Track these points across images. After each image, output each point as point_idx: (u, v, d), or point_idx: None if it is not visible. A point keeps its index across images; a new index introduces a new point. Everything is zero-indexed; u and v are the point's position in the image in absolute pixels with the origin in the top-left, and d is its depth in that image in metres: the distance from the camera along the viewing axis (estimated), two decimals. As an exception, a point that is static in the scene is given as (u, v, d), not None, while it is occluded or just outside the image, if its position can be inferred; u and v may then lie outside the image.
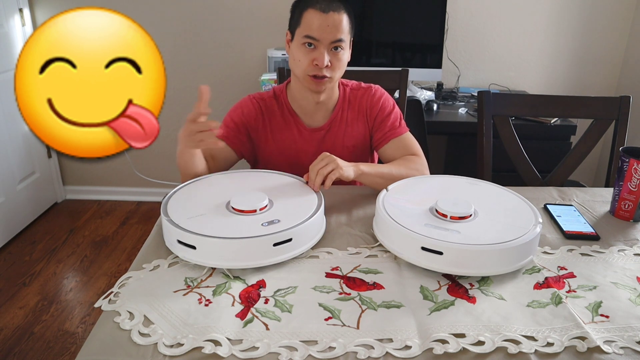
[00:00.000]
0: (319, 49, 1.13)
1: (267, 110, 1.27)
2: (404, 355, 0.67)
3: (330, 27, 1.11)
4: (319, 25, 1.11)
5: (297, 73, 1.18)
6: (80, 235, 2.42)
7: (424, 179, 1.13)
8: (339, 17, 1.12)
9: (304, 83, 1.18)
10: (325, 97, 1.24)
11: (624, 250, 0.96)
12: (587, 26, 2.43)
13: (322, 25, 1.11)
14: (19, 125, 2.40)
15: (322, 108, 1.27)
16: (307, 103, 1.25)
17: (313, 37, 1.12)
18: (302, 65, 1.15)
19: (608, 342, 0.70)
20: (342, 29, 1.13)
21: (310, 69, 1.14)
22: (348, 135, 1.28)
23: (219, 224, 0.88)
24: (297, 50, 1.15)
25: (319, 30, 1.11)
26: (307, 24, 1.12)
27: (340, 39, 1.13)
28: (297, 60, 1.16)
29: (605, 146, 2.50)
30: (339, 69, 1.17)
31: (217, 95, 2.57)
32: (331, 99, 1.27)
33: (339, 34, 1.12)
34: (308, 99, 1.24)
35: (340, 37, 1.13)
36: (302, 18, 1.13)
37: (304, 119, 1.27)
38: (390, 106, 1.29)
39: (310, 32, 1.11)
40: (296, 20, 1.15)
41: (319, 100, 1.23)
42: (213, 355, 0.66)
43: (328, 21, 1.11)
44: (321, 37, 1.11)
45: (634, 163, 1.05)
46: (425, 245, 0.84)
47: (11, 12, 2.32)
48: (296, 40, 1.15)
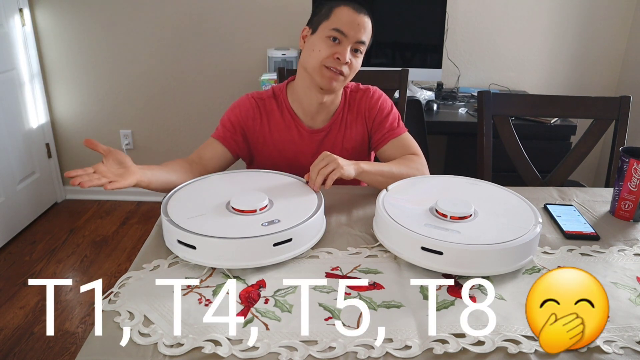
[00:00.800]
0: (344, 44, 1.14)
1: (266, 111, 1.26)
2: (404, 355, 0.67)
3: (360, 26, 1.14)
4: (350, 22, 1.13)
5: (311, 64, 1.16)
6: (80, 235, 2.42)
7: (424, 179, 1.13)
8: (368, 20, 1.16)
9: (316, 75, 1.16)
10: (329, 100, 1.24)
11: (624, 250, 0.96)
12: (587, 26, 2.43)
13: (352, 23, 1.13)
14: (19, 125, 2.41)
15: (324, 110, 1.26)
16: (310, 104, 1.24)
17: (342, 31, 1.13)
18: (320, 55, 1.14)
19: (608, 342, 0.70)
20: (368, 32, 1.16)
21: (329, 60, 1.14)
22: (347, 137, 1.28)
23: (219, 224, 0.88)
24: (319, 42, 1.15)
25: (348, 26, 1.13)
26: (338, 18, 1.13)
27: (363, 40, 1.15)
28: (316, 50, 1.15)
29: (605, 146, 2.50)
30: (353, 72, 1.19)
31: (217, 95, 2.58)
32: (334, 103, 1.27)
33: (364, 35, 1.15)
34: (311, 99, 1.23)
35: (364, 39, 1.15)
36: (332, 12, 1.14)
37: (304, 120, 1.27)
38: (389, 107, 1.29)
39: (340, 26, 1.13)
40: (324, 14, 1.16)
41: (323, 100, 1.22)
42: (213, 355, 0.66)
43: (359, 20, 1.14)
44: (349, 33, 1.13)
45: (634, 163, 1.05)
46: (425, 245, 0.84)
47: (11, 12, 2.32)
48: (320, 32, 1.15)
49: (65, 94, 2.62)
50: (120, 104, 2.62)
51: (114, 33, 2.48)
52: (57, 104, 2.64)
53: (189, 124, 2.64)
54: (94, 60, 2.54)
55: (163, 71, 2.55)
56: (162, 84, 2.58)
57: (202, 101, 2.60)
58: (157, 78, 2.57)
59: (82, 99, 2.62)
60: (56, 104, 2.64)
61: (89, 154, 2.72)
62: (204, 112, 2.62)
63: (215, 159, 1.22)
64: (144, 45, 2.50)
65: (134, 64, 2.54)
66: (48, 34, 2.50)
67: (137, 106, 2.63)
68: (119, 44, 2.50)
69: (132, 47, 2.51)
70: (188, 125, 2.64)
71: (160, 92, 2.59)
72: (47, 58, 2.55)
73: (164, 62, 2.53)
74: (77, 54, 2.53)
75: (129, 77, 2.57)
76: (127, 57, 2.53)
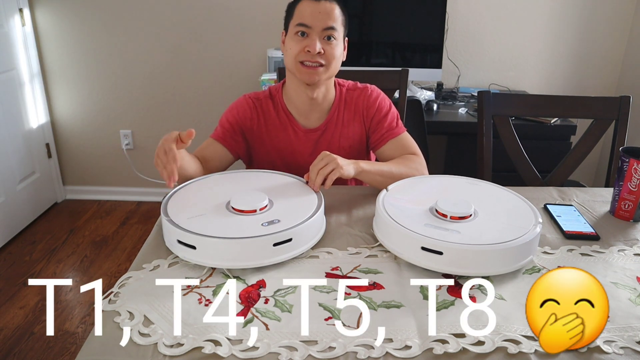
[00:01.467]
0: (311, 36, 1.14)
1: (263, 111, 1.27)
2: (404, 355, 0.67)
3: (322, 14, 1.13)
4: (311, 12, 1.13)
5: (289, 64, 1.19)
6: (80, 235, 2.42)
7: (424, 179, 1.13)
8: (331, 5, 1.15)
9: (296, 73, 1.17)
10: (319, 95, 1.23)
11: (624, 250, 0.96)
12: (587, 26, 2.43)
13: (314, 12, 1.13)
14: (19, 125, 2.41)
15: (317, 108, 1.26)
16: (302, 102, 1.24)
17: (305, 24, 1.13)
18: (293, 52, 1.15)
19: (608, 342, 0.70)
20: (334, 17, 1.15)
21: (301, 55, 1.15)
22: (344, 136, 1.28)
23: (219, 224, 0.88)
24: (289, 41, 1.17)
25: (311, 16, 1.13)
26: (300, 13, 1.14)
27: (332, 26, 1.14)
28: (289, 49, 1.17)
29: (605, 146, 2.50)
30: (333, 59, 1.17)
31: (217, 95, 2.58)
32: (327, 99, 1.26)
33: (330, 21, 1.14)
34: (302, 97, 1.23)
35: (332, 24, 1.14)
36: (295, 10, 1.16)
37: (299, 120, 1.27)
38: (387, 106, 1.29)
39: (303, 20, 1.13)
40: (290, 14, 1.17)
41: (313, 96, 1.22)
42: (213, 355, 0.66)
43: (320, 8, 1.13)
44: (313, 23, 1.13)
45: (634, 163, 1.05)
46: (425, 245, 0.84)
47: (11, 12, 2.32)
48: (289, 31, 1.17)
49: (65, 94, 2.62)
50: (120, 104, 2.62)
51: (114, 33, 2.48)
52: (57, 104, 2.64)
53: (189, 124, 2.64)
54: (94, 60, 2.54)
55: (163, 71, 2.55)
56: (162, 84, 2.58)
57: (202, 101, 2.60)
58: (157, 78, 2.57)
59: (82, 99, 2.62)
60: (56, 104, 2.64)
61: (88, 154, 2.73)
62: (204, 111, 2.62)
63: (216, 159, 1.22)
64: (144, 45, 2.50)
65: (134, 63, 2.54)
66: (48, 34, 2.50)
67: (137, 106, 2.63)
68: (119, 44, 2.50)
69: (132, 46, 2.51)
70: (188, 125, 2.64)
71: (161, 92, 2.59)
72: (47, 58, 2.55)
73: (164, 62, 2.53)
74: (77, 54, 2.53)
75: (129, 77, 2.57)
76: (127, 57, 2.53)
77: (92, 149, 2.72)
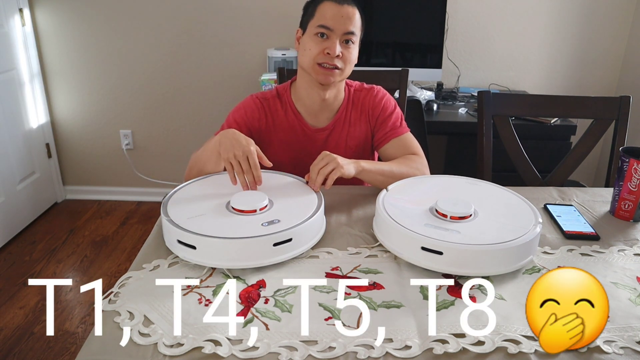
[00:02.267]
0: (332, 38, 1.14)
1: (270, 111, 1.27)
2: (404, 355, 0.67)
3: (344, 18, 1.14)
4: (334, 15, 1.13)
5: (305, 63, 1.18)
6: (80, 235, 2.42)
7: (424, 179, 1.13)
8: (353, 10, 1.16)
9: (312, 73, 1.17)
10: (331, 96, 1.24)
11: (624, 250, 0.96)
12: (587, 26, 2.43)
13: (336, 16, 1.13)
14: (19, 125, 2.41)
15: (327, 108, 1.26)
16: (312, 102, 1.24)
17: (327, 26, 1.13)
18: (312, 53, 1.15)
19: (608, 342, 0.70)
20: (355, 22, 1.16)
21: (320, 57, 1.15)
22: (351, 135, 1.28)
23: (219, 224, 0.88)
24: (308, 40, 1.16)
25: (333, 19, 1.13)
26: (322, 14, 1.14)
27: (352, 31, 1.15)
28: (307, 49, 1.16)
29: (605, 146, 2.50)
30: (349, 63, 1.18)
31: (217, 95, 2.58)
32: (337, 100, 1.27)
33: (351, 26, 1.15)
34: (313, 97, 1.23)
35: (353, 29, 1.15)
36: (316, 10, 1.16)
37: (307, 119, 1.27)
38: (392, 106, 1.29)
39: (325, 22, 1.14)
40: (310, 13, 1.17)
41: (325, 97, 1.22)
42: (213, 355, 0.66)
43: (342, 12, 1.14)
44: (335, 26, 1.13)
45: (634, 163, 1.05)
46: (425, 245, 0.84)
47: (11, 12, 2.32)
48: (309, 31, 1.17)
49: (65, 94, 2.62)
50: (120, 104, 2.62)
51: (114, 33, 2.48)
52: (57, 104, 2.64)
53: (189, 124, 2.64)
54: (94, 60, 2.54)
55: (163, 71, 2.55)
56: (162, 84, 2.58)
57: (202, 101, 2.60)
58: (157, 78, 2.57)
59: (82, 99, 2.62)
60: (56, 104, 2.64)
61: (88, 154, 2.73)
62: (204, 111, 2.62)
63: None
64: (144, 45, 2.50)
65: (134, 63, 2.54)
66: (48, 34, 2.50)
67: (137, 106, 2.62)
68: (119, 44, 2.50)
69: (132, 47, 2.51)
70: (188, 125, 2.64)
71: (160, 92, 2.59)
72: (47, 58, 2.55)
73: (164, 62, 2.53)
74: (77, 54, 2.53)
75: (129, 77, 2.57)
76: (127, 57, 2.53)
77: (92, 149, 2.72)
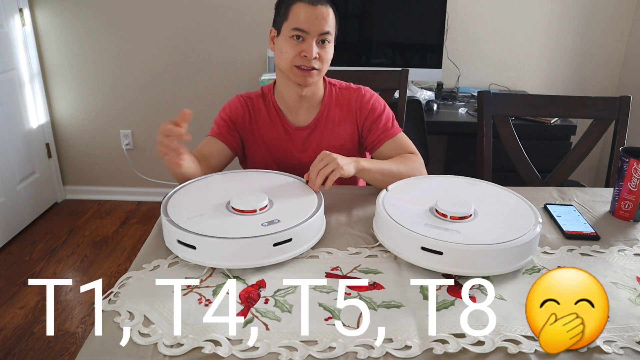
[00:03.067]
0: (307, 40, 1.14)
1: (254, 109, 1.28)
2: (404, 355, 0.67)
3: (319, 19, 1.13)
4: (308, 18, 1.13)
5: (282, 66, 1.19)
6: (80, 235, 2.42)
7: (424, 179, 1.13)
8: (327, 10, 1.15)
9: (291, 75, 1.18)
10: (308, 92, 1.24)
11: (624, 250, 0.96)
12: (587, 26, 2.43)
13: (310, 18, 1.13)
14: (19, 125, 2.41)
15: (305, 104, 1.26)
16: (291, 98, 1.25)
17: (302, 29, 1.13)
18: (288, 56, 1.15)
19: (608, 342, 0.70)
20: (330, 22, 1.15)
21: (297, 59, 1.15)
22: (335, 135, 1.28)
23: (219, 224, 0.88)
24: (284, 43, 1.16)
25: (308, 22, 1.13)
26: (296, 16, 1.13)
27: (328, 31, 1.15)
28: (283, 52, 1.16)
29: (605, 146, 2.50)
30: (326, 62, 1.18)
31: (217, 95, 2.58)
32: (315, 96, 1.27)
33: (327, 26, 1.15)
34: (292, 94, 1.24)
35: (328, 29, 1.15)
36: (289, 12, 1.14)
37: (289, 117, 1.27)
38: (381, 107, 1.29)
39: (299, 25, 1.13)
40: (283, 14, 1.16)
41: (303, 93, 1.23)
42: (213, 355, 0.66)
43: (316, 13, 1.13)
44: (310, 29, 1.13)
45: (634, 163, 1.05)
46: (425, 245, 0.84)
47: (11, 12, 2.32)
48: (283, 34, 1.16)
49: (65, 94, 2.62)
50: (121, 104, 2.62)
51: (114, 33, 2.48)
52: (57, 104, 2.64)
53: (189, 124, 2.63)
54: (94, 61, 2.54)
55: (163, 71, 2.55)
56: (162, 84, 2.58)
57: (202, 101, 2.59)
58: (157, 78, 2.57)
59: (82, 99, 2.62)
60: (56, 104, 2.64)
61: (89, 154, 2.73)
62: (204, 111, 2.61)
63: (215, 155, 1.22)
64: (144, 45, 2.50)
65: (134, 63, 2.54)
66: (48, 34, 2.50)
67: (137, 106, 2.62)
68: (119, 44, 2.50)
69: (132, 47, 2.51)
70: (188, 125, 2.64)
71: (160, 92, 2.59)
72: (47, 58, 2.55)
73: (164, 62, 2.53)
74: (77, 54, 2.53)
75: (129, 77, 2.57)
76: (127, 57, 2.53)
77: (92, 149, 2.72)
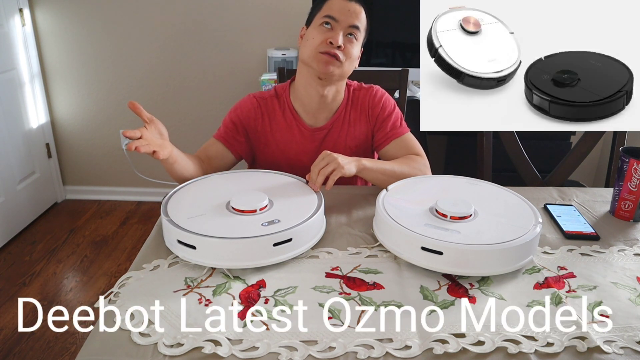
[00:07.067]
0: (336, 29, 1.15)
1: (268, 110, 1.26)
2: (404, 355, 0.67)
3: (351, 12, 1.16)
4: (341, 8, 1.15)
5: (306, 54, 1.17)
6: (80, 235, 2.42)
7: (424, 179, 1.13)
8: (360, 8, 1.17)
9: (313, 62, 1.16)
10: (329, 93, 1.23)
11: (624, 250, 0.96)
12: (587, 26, 2.43)
13: (343, 9, 1.15)
14: (19, 125, 2.41)
15: (325, 107, 1.25)
16: (311, 99, 1.23)
17: (333, 16, 1.15)
18: (314, 42, 1.15)
19: (608, 342, 0.70)
20: (361, 19, 1.17)
21: (322, 45, 1.15)
22: (351, 135, 1.28)
23: (219, 224, 0.88)
24: (312, 31, 1.17)
25: (339, 11, 1.15)
26: (329, 6, 1.16)
27: (357, 25, 1.16)
28: (310, 39, 1.17)
29: (605, 146, 2.50)
30: (349, 58, 1.17)
31: (217, 95, 2.58)
32: (336, 100, 1.26)
33: (356, 20, 1.16)
34: (312, 94, 1.22)
35: (357, 24, 1.16)
36: (324, 3, 1.17)
37: (305, 119, 1.26)
38: (391, 106, 1.29)
39: (331, 13, 1.15)
40: (317, 7, 1.18)
41: (324, 93, 1.21)
42: (213, 355, 0.66)
43: (350, 7, 1.16)
44: (340, 18, 1.14)
45: (634, 163, 1.05)
46: (425, 245, 0.84)
47: (11, 12, 2.32)
48: (314, 23, 1.18)
49: (65, 94, 2.62)
50: (121, 104, 2.62)
51: (114, 33, 2.48)
52: (57, 104, 2.64)
53: (189, 124, 2.64)
54: (94, 61, 2.54)
55: (163, 71, 2.55)
56: (162, 84, 2.58)
57: (202, 101, 2.60)
58: (157, 78, 2.57)
59: (82, 99, 2.62)
60: (56, 104, 2.64)
61: (89, 154, 2.73)
62: (204, 112, 2.62)
63: (218, 159, 1.22)
64: (144, 45, 2.50)
65: (134, 64, 2.54)
66: (48, 34, 2.50)
67: (137, 106, 2.62)
68: (119, 44, 2.50)
69: (132, 47, 2.51)
70: (188, 125, 2.64)
71: (160, 92, 2.59)
72: (47, 58, 2.55)
73: (164, 62, 2.53)
74: (77, 54, 2.53)
75: (129, 77, 2.57)
76: (127, 57, 2.53)
77: (92, 149, 2.72)
